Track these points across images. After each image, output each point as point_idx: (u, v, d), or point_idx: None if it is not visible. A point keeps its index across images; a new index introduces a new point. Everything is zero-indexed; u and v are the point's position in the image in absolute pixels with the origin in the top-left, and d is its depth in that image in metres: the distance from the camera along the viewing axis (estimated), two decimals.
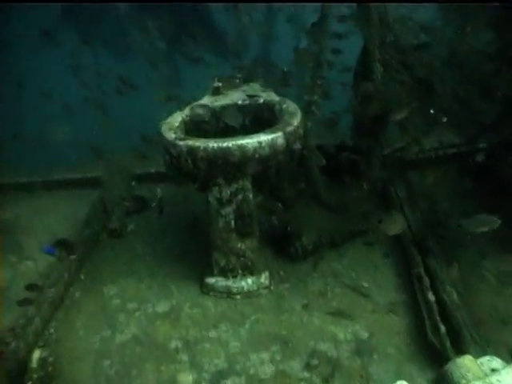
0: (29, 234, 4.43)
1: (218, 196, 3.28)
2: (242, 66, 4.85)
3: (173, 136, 3.25)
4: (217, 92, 3.99)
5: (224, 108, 3.74)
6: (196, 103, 3.82)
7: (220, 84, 4.02)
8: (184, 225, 4.28)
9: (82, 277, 3.83)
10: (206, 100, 3.92)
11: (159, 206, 4.52)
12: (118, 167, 4.93)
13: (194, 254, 3.91)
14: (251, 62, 5.08)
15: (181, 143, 3.16)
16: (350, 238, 3.96)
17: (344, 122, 4.06)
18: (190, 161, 3.14)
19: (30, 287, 3.36)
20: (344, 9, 3.81)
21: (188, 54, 6.22)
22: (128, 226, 4.36)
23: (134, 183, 4.90)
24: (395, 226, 3.23)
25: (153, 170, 5.03)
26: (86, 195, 4.92)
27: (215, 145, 3.05)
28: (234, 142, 3.05)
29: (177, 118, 3.60)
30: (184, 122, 3.62)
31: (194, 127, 3.71)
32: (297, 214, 4.08)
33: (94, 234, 4.14)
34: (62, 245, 3.73)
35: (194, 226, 4.13)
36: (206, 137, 3.31)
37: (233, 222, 3.35)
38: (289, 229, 3.90)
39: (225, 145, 3.05)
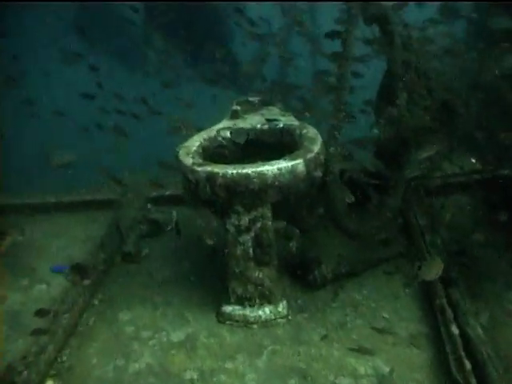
0: (41, 256, 4.38)
1: (237, 223, 3.21)
2: (260, 88, 4.78)
3: (191, 161, 3.20)
4: (235, 116, 3.94)
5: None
6: (218, 127, 3.76)
7: (239, 108, 3.96)
8: (200, 250, 4.19)
9: (96, 302, 3.76)
10: (224, 124, 3.87)
11: (175, 230, 4.44)
12: (134, 190, 4.86)
13: (210, 280, 3.83)
14: (269, 85, 5.00)
15: (199, 169, 3.10)
16: (370, 266, 3.86)
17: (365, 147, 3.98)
18: (208, 187, 3.08)
19: (41, 313, 3.28)
20: (367, 32, 3.74)
21: (204, 75, 6.16)
22: (143, 250, 4.29)
23: (149, 206, 4.82)
24: (434, 270, 3.13)
25: (168, 193, 4.95)
26: (101, 217, 4.88)
27: (234, 171, 2.99)
28: (253, 169, 2.99)
29: (194, 142, 3.54)
30: (202, 147, 3.56)
31: (212, 152, 3.65)
32: (315, 241, 4.00)
33: (108, 258, 4.06)
34: (76, 269, 3.66)
35: (211, 251, 4.04)
36: (224, 162, 3.24)
37: (251, 250, 3.27)
38: (307, 256, 3.81)
39: (244, 171, 2.99)
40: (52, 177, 5.36)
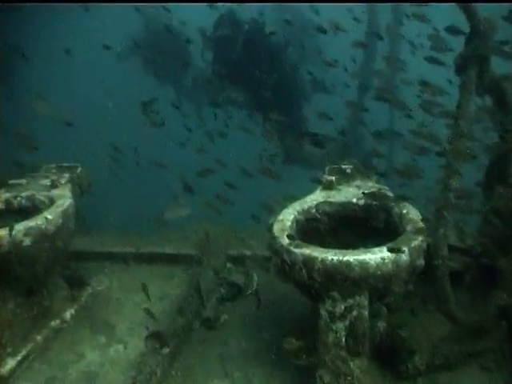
0: (119, 312, 4.33)
1: (331, 310, 3.02)
2: (354, 158, 4.60)
3: (287, 240, 3.04)
4: (329, 186, 3.78)
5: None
6: (311, 198, 3.62)
7: (333, 178, 3.80)
8: (281, 320, 4.02)
9: (173, 373, 3.62)
10: (317, 195, 3.72)
11: (256, 296, 4.28)
12: (214, 247, 4.76)
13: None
14: (364, 153, 4.82)
15: (296, 251, 2.95)
16: (466, 359, 3.55)
17: (472, 224, 3.71)
18: (304, 271, 2.92)
19: None
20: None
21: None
22: (222, 315, 4.14)
23: (228, 265, 4.71)
24: None
25: (249, 253, 4.81)
26: (179, 272, 4.81)
27: (335, 258, 2.82)
28: (355, 257, 2.81)
29: (288, 216, 3.40)
30: (296, 221, 3.41)
31: (305, 225, 3.50)
32: (404, 322, 3.74)
33: (187, 324, 3.94)
34: (155, 337, 3.56)
35: (293, 325, 3.86)
36: (318, 237, 3.07)
37: (344, 339, 3.06)
38: (398, 341, 3.55)
39: (345, 259, 2.81)
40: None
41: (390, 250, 2.82)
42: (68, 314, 4.15)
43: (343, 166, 4.11)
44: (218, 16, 5.91)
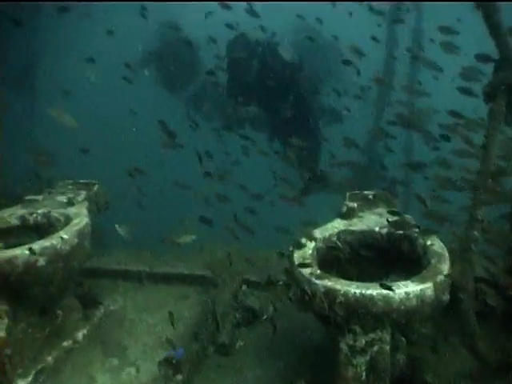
0: (132, 333, 4.25)
1: (352, 343, 2.92)
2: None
3: (308, 271, 2.96)
4: (350, 214, 3.69)
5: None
6: (333, 225, 3.54)
7: (355, 205, 3.71)
8: (297, 349, 3.91)
9: None
10: (338, 223, 3.63)
11: (271, 321, 4.18)
12: (230, 269, 4.68)
13: None
14: (388, 180, 4.71)
15: (318, 282, 2.86)
16: None
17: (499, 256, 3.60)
18: (325, 303, 2.82)
19: None
20: None
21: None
22: (237, 341, 4.05)
23: (244, 287, 4.62)
24: None
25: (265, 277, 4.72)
26: (193, 293, 4.75)
27: (357, 291, 2.73)
28: (378, 291, 2.71)
29: (309, 244, 3.32)
30: (317, 249, 3.33)
31: (325, 253, 3.42)
32: (423, 354, 3.62)
33: (201, 349, 3.85)
34: (169, 363, 3.47)
35: (310, 355, 3.76)
36: (339, 264, 2.99)
37: (364, 374, 2.95)
38: (417, 375, 3.44)
39: (368, 293, 2.72)
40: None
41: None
42: (80, 335, 4.08)
43: (365, 192, 4.02)
44: (232, 38, 5.85)
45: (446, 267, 2.98)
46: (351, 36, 6.04)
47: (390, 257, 3.52)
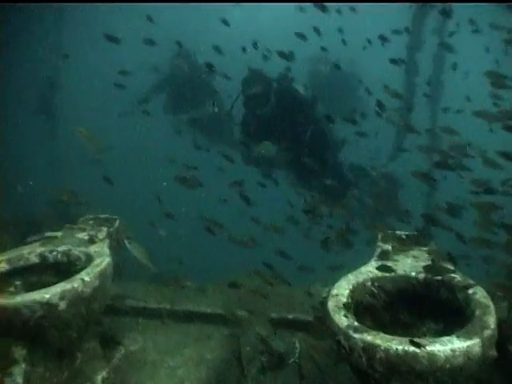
0: (153, 376, 4.09)
1: None
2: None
3: (345, 323, 2.78)
4: (385, 256, 3.51)
5: None
6: (367, 270, 3.36)
7: (389, 248, 3.54)
8: None
9: None
10: (371, 267, 3.45)
11: (298, 366, 3.99)
12: (255, 307, 4.52)
13: None
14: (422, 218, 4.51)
15: (356, 336, 2.67)
16: None
17: None
18: (364, 359, 2.64)
19: None
20: None
21: None
22: None
23: (269, 329, 4.43)
24: None
25: (290, 316, 4.54)
26: (216, 333, 4.57)
27: (400, 348, 2.55)
28: (422, 348, 2.52)
29: (343, 291, 3.14)
30: (351, 295, 3.14)
31: (360, 300, 3.23)
32: None
33: None
34: None
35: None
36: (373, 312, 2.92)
37: None
38: None
39: (411, 350, 2.53)
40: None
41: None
42: (100, 378, 3.91)
43: (398, 232, 3.85)
44: (247, 74, 5.74)
45: (492, 320, 2.80)
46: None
47: (427, 304, 3.32)
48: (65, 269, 3.94)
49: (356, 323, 2.79)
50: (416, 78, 7.13)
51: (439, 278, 3.27)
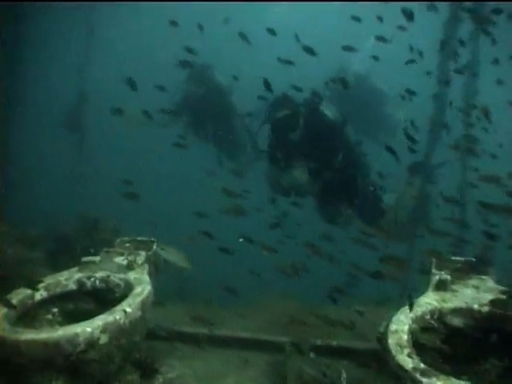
0: None
1: None
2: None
3: (410, 364, 2.58)
4: (443, 287, 3.30)
5: None
6: (425, 302, 3.16)
7: (448, 277, 3.33)
8: None
9: None
10: (430, 298, 3.24)
11: None
12: (296, 334, 4.33)
13: None
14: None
15: (424, 381, 2.47)
16: None
17: None
18: None
19: None
20: None
21: None
22: None
23: (312, 355, 4.24)
24: None
25: (334, 343, 4.34)
26: (257, 361, 4.38)
27: None
28: None
29: (403, 326, 2.93)
30: (411, 332, 2.94)
31: (419, 334, 3.03)
32: None
33: None
34: None
35: None
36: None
37: None
38: None
39: None
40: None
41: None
42: None
43: (453, 259, 3.63)
44: (273, 98, 5.52)
45: None
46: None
47: (489, 337, 3.11)
48: (103, 296, 3.81)
49: (422, 365, 2.59)
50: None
51: (504, 311, 3.05)
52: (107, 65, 9.95)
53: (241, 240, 4.24)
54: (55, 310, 3.80)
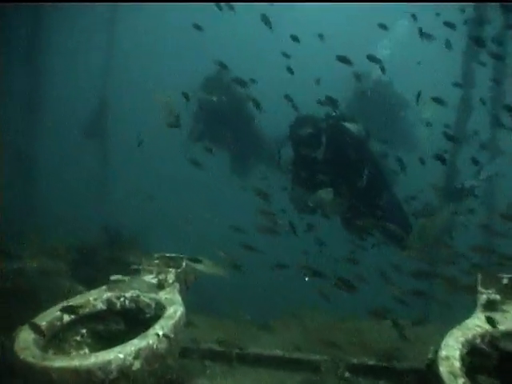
0: None
1: None
2: None
3: None
4: (492, 307, 3.11)
5: None
6: (474, 324, 2.98)
7: (498, 297, 3.15)
8: None
9: None
10: (480, 320, 3.06)
11: None
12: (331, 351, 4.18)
13: None
14: None
15: None
16: None
17: None
18: None
19: None
20: None
21: None
22: None
23: (347, 374, 4.08)
24: None
25: (371, 362, 4.17)
26: (289, 381, 4.20)
27: None
28: None
29: (454, 352, 2.78)
30: (462, 358, 2.76)
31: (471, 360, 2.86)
32: None
33: None
34: None
35: None
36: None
37: None
38: None
39: None
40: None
41: None
42: None
43: (499, 275, 3.44)
44: (295, 117, 5.35)
45: None
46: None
47: None
48: (133, 316, 3.69)
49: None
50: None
51: None
52: (129, 71, 9.89)
53: (307, 279, 4.13)
54: (84, 330, 3.68)
